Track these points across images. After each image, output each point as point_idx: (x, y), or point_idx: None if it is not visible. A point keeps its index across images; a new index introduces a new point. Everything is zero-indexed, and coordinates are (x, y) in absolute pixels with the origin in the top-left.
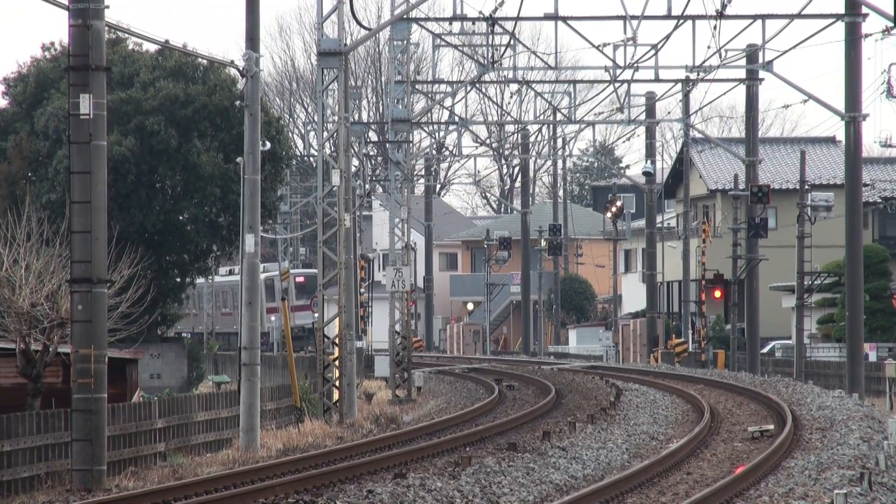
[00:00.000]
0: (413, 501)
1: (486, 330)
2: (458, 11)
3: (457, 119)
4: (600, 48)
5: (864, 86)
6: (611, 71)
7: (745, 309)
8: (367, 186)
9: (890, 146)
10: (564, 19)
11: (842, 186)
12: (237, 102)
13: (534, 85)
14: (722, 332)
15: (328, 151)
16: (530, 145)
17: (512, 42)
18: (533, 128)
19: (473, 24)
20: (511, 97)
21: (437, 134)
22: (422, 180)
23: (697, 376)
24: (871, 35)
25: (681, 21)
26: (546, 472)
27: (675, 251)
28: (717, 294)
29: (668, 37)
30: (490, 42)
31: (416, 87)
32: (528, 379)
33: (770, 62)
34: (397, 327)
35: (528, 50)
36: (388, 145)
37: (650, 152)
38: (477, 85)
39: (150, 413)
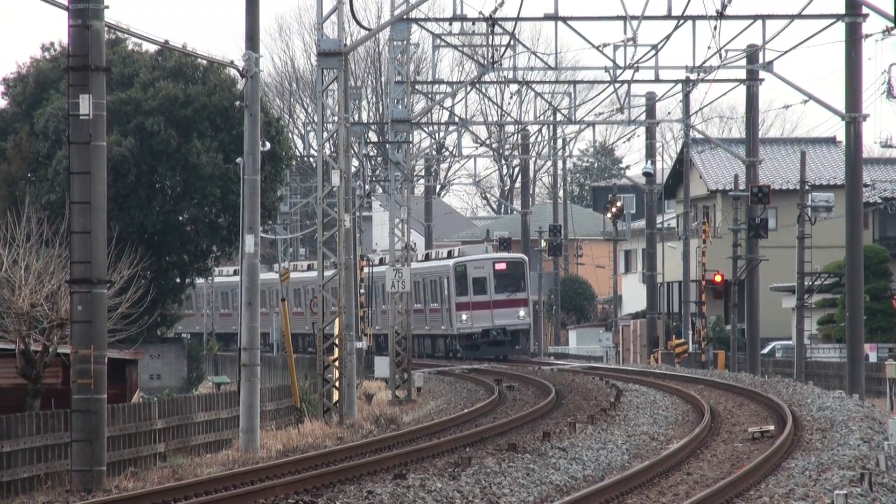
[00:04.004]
0: (413, 502)
1: None
2: (458, 12)
3: (457, 119)
4: (600, 48)
5: (865, 86)
6: (611, 71)
7: (745, 309)
8: (366, 187)
9: (890, 146)
10: (564, 19)
11: (842, 187)
12: (237, 103)
13: (534, 85)
14: (722, 332)
15: (328, 152)
16: (530, 146)
17: (512, 42)
18: (533, 128)
19: (473, 24)
20: (511, 97)
21: (437, 134)
22: (422, 181)
23: (697, 377)
24: (871, 35)
25: (681, 21)
26: (546, 473)
27: (675, 252)
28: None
29: (668, 37)
30: (490, 42)
31: (416, 87)
32: (528, 379)
33: (770, 62)
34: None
35: (528, 50)
36: (387, 146)
37: (650, 153)
38: (477, 85)
39: (150, 414)
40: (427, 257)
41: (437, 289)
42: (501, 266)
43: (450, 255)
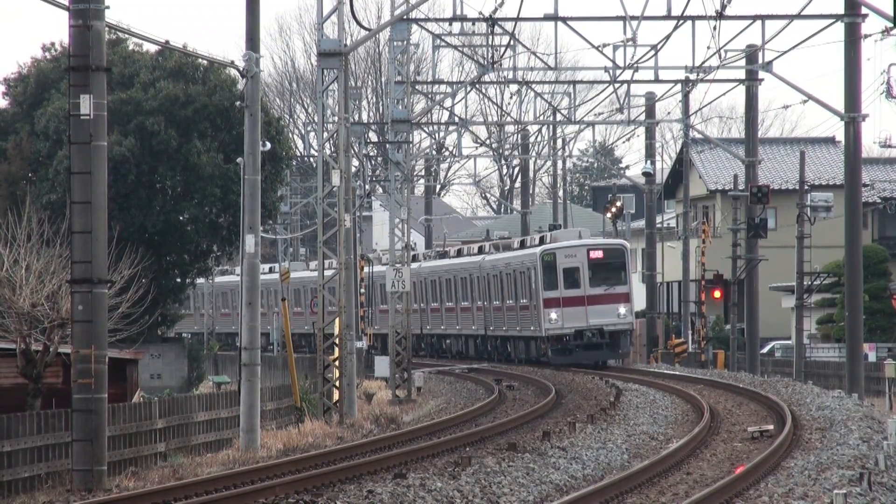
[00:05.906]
0: (413, 501)
1: None
2: (458, 12)
3: (457, 119)
4: (600, 49)
5: (864, 86)
6: (611, 71)
7: (744, 309)
8: (367, 187)
9: (889, 146)
10: (564, 20)
11: (841, 187)
12: (237, 103)
13: (534, 85)
14: (722, 332)
15: (328, 152)
16: (530, 146)
17: (512, 42)
18: (533, 128)
19: (473, 24)
20: (511, 98)
21: (437, 134)
22: (422, 181)
23: (697, 376)
24: (870, 35)
25: (681, 21)
26: (546, 473)
27: (674, 251)
28: (717, 294)
29: (667, 37)
30: (490, 42)
31: (416, 87)
32: (528, 379)
33: (770, 62)
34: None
35: (528, 50)
36: (388, 146)
37: (650, 153)
38: (477, 85)
39: (151, 413)
40: (523, 244)
41: (527, 282)
42: (598, 254)
43: (542, 242)
